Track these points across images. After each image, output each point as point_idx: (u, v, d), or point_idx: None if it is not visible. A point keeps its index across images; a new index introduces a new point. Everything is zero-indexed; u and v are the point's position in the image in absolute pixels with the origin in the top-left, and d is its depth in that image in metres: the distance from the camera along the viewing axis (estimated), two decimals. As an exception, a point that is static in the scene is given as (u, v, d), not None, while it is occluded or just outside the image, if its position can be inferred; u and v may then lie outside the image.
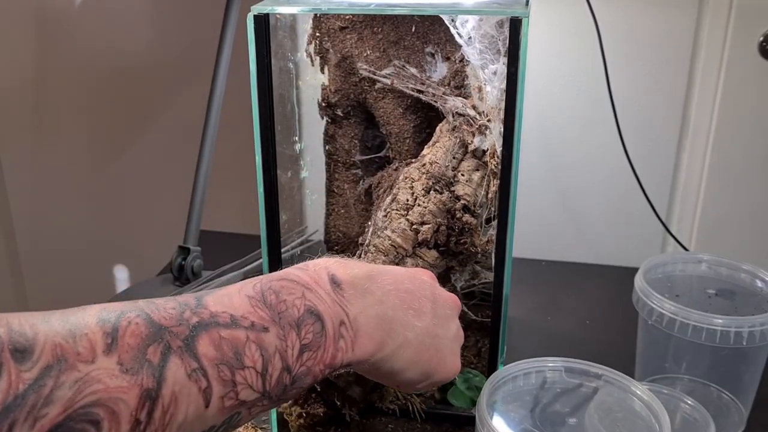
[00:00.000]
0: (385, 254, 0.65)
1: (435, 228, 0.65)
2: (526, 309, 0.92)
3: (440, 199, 0.66)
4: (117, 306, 0.39)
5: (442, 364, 0.52)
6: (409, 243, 0.65)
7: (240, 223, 1.18)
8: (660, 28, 0.92)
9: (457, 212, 0.66)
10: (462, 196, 0.66)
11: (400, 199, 0.66)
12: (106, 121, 1.58)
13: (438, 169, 0.66)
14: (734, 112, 0.94)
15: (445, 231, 0.66)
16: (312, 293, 0.45)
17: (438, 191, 0.66)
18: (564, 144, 1.00)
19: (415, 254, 0.65)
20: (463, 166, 0.67)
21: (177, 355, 0.37)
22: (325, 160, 0.76)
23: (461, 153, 0.68)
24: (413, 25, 0.67)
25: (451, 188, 0.66)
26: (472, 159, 0.67)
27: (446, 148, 0.67)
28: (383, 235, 0.65)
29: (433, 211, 0.65)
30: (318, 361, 0.43)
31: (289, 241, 0.78)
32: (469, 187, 0.66)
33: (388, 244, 0.65)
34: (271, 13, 0.61)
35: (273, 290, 0.43)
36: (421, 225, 0.65)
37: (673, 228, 1.01)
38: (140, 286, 0.91)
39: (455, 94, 0.68)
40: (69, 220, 1.70)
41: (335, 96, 0.71)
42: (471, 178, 0.67)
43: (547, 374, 0.61)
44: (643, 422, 0.56)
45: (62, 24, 1.53)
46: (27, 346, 0.34)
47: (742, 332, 0.63)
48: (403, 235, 0.65)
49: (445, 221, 0.66)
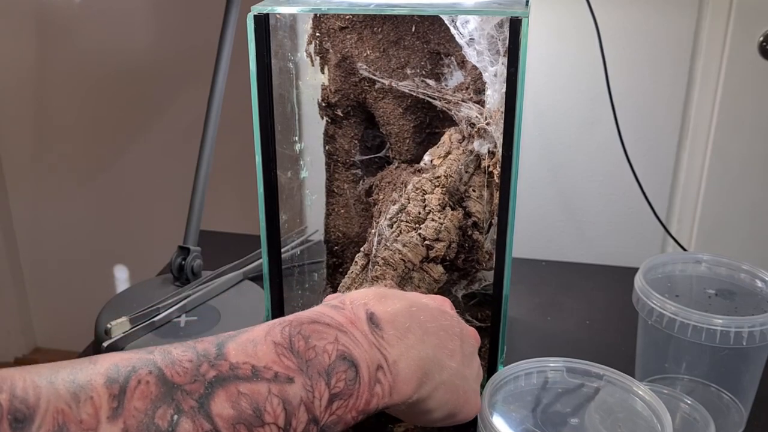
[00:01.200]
0: (394, 268, 0.63)
1: (447, 245, 0.64)
2: (526, 309, 0.92)
3: (457, 216, 0.64)
4: (130, 359, 0.37)
5: (467, 404, 0.50)
6: (418, 257, 0.64)
7: (240, 223, 1.18)
8: (660, 28, 0.92)
9: (468, 230, 0.65)
10: (474, 213, 0.65)
11: (411, 211, 0.65)
12: (106, 122, 1.58)
13: (453, 183, 0.65)
14: (734, 112, 0.94)
15: (455, 248, 0.65)
16: (347, 336, 0.42)
17: (452, 207, 0.64)
18: (564, 144, 1.00)
19: (422, 268, 0.64)
20: (475, 181, 0.66)
21: (189, 417, 0.35)
22: (325, 160, 0.76)
23: (473, 167, 0.66)
24: (413, 25, 0.67)
25: (463, 204, 0.65)
26: (483, 176, 0.66)
27: (460, 161, 0.65)
28: (393, 248, 0.64)
29: (449, 228, 0.64)
30: (350, 408, 0.41)
31: (289, 241, 0.78)
32: (480, 204, 0.65)
33: (398, 258, 0.63)
34: (271, 13, 0.61)
35: (303, 335, 0.41)
36: (435, 241, 0.63)
37: (672, 228, 1.01)
38: (140, 286, 0.91)
39: (473, 100, 0.66)
40: (69, 220, 1.70)
41: (335, 96, 0.71)
42: (482, 194, 0.65)
43: (549, 374, 0.61)
44: (644, 422, 0.56)
45: (62, 24, 1.53)
46: (27, 415, 0.33)
47: (742, 332, 0.63)
48: (414, 249, 0.63)
49: (457, 239, 0.65)
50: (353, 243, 0.76)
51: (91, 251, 1.71)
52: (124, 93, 1.55)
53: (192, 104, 1.21)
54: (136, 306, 0.81)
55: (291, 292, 0.77)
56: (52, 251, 1.75)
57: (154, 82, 1.52)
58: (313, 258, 0.82)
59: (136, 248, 1.66)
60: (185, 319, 0.82)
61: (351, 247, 0.76)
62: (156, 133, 1.56)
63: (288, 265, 0.74)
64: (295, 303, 0.77)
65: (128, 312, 0.79)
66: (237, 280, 0.91)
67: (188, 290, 0.85)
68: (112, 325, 0.77)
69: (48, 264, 1.77)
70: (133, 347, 0.77)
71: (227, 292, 0.89)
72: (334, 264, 0.78)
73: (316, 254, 0.82)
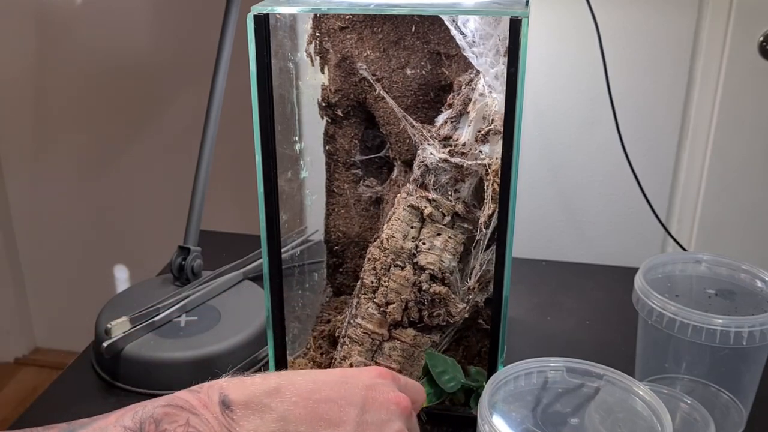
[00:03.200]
0: (360, 344, 0.63)
1: (403, 306, 0.64)
2: (526, 309, 0.92)
3: (401, 275, 0.64)
4: None
5: None
6: (383, 327, 0.64)
7: (240, 223, 1.18)
8: (660, 28, 0.92)
9: (423, 284, 0.64)
10: (425, 266, 0.64)
11: (366, 283, 0.65)
12: (106, 121, 1.59)
13: (395, 243, 0.64)
14: (734, 112, 0.94)
15: (415, 307, 0.64)
16: (198, 418, 0.43)
17: (399, 266, 0.64)
18: (564, 144, 1.00)
19: (392, 337, 0.64)
20: (423, 234, 0.65)
21: None
22: (325, 160, 0.76)
23: (419, 221, 0.66)
24: (413, 25, 0.67)
25: (414, 260, 0.65)
26: (432, 225, 0.65)
27: (401, 219, 0.65)
28: (355, 323, 0.64)
29: (395, 288, 0.64)
30: None
31: (289, 241, 0.78)
32: (432, 254, 0.64)
33: (361, 333, 0.64)
34: (271, 13, 0.61)
35: (154, 419, 0.42)
36: (386, 306, 0.63)
37: (672, 228, 1.01)
38: (140, 286, 0.91)
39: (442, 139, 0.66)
40: (69, 220, 1.70)
41: (335, 96, 0.71)
42: (433, 244, 0.64)
43: (549, 374, 0.61)
44: (644, 422, 0.56)
45: (62, 24, 1.53)
46: None
47: (742, 332, 0.63)
48: (372, 320, 0.63)
49: (413, 296, 0.64)
50: (353, 243, 0.76)
51: (91, 251, 1.71)
52: (124, 93, 1.55)
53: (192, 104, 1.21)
54: (136, 306, 0.81)
55: (291, 292, 0.77)
56: (52, 251, 1.75)
57: (153, 82, 1.52)
58: (313, 258, 0.82)
59: (136, 248, 1.66)
60: (185, 319, 0.82)
61: (351, 247, 0.76)
62: (156, 133, 1.56)
63: (288, 265, 0.74)
64: (295, 303, 0.77)
65: (128, 312, 0.79)
66: (237, 280, 0.91)
67: (188, 290, 0.85)
68: (112, 325, 0.77)
69: (48, 264, 1.77)
70: (133, 347, 0.77)
71: (227, 292, 0.89)
72: (334, 264, 0.78)
73: (316, 254, 0.82)
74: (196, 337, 0.79)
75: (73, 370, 0.81)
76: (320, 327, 0.76)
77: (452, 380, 0.68)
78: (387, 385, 0.50)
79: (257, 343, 0.80)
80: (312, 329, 0.77)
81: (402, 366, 0.66)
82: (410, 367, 0.66)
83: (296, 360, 0.74)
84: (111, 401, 0.75)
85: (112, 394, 0.77)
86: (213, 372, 0.76)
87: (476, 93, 0.65)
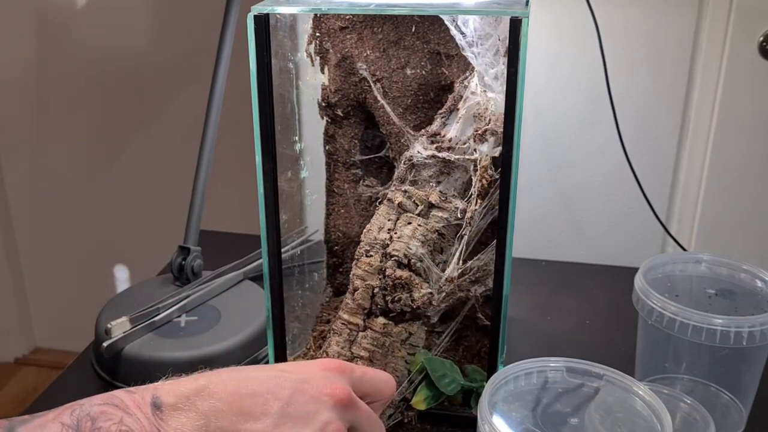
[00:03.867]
0: (339, 334, 0.64)
1: (369, 293, 0.65)
2: (526, 309, 0.92)
3: (367, 261, 0.65)
4: None
5: None
6: (356, 316, 0.65)
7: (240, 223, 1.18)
8: (660, 28, 0.92)
9: (387, 269, 0.65)
10: (391, 253, 0.65)
11: (352, 280, 0.67)
12: (106, 122, 1.59)
13: (369, 235, 0.66)
14: (734, 112, 0.94)
15: (380, 293, 0.66)
16: (131, 418, 0.44)
17: (368, 256, 0.66)
18: (563, 144, 1.00)
19: (366, 326, 0.65)
20: (397, 225, 0.67)
21: None
22: (325, 160, 0.76)
23: (395, 213, 0.67)
24: (413, 25, 0.67)
25: (386, 250, 0.66)
26: (404, 215, 0.67)
27: (380, 213, 0.68)
28: (337, 316, 0.66)
29: (361, 275, 0.65)
30: None
31: (289, 241, 0.78)
32: (400, 242, 0.65)
33: (340, 324, 0.65)
34: (271, 13, 0.61)
35: (90, 417, 0.43)
36: (354, 292, 0.65)
37: (672, 228, 1.01)
38: (140, 286, 0.91)
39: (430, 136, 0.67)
40: (69, 220, 1.70)
41: (335, 96, 0.71)
42: (403, 233, 0.66)
43: (549, 374, 0.61)
44: (644, 422, 0.56)
45: (62, 24, 1.53)
46: None
47: (742, 332, 0.63)
48: (346, 309, 0.64)
49: (378, 283, 0.65)
50: (353, 243, 0.76)
51: (91, 251, 1.71)
52: (124, 93, 1.55)
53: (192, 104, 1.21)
54: (137, 306, 0.81)
55: (291, 291, 0.77)
56: (52, 251, 1.75)
57: (154, 82, 1.52)
58: (313, 258, 0.82)
59: (136, 248, 1.66)
60: (185, 319, 0.82)
61: (351, 247, 0.76)
62: (156, 133, 1.56)
63: (288, 264, 0.74)
64: (295, 303, 0.77)
65: (128, 312, 0.79)
66: (237, 280, 0.91)
67: (188, 290, 0.85)
68: (112, 325, 0.77)
69: (48, 264, 1.77)
70: (133, 347, 0.77)
71: (227, 292, 0.89)
72: (334, 264, 0.78)
73: (316, 254, 0.82)
74: (196, 337, 0.79)
75: (73, 370, 0.81)
76: (320, 327, 0.76)
77: (452, 383, 0.68)
78: (327, 377, 0.50)
79: (257, 343, 0.80)
80: (312, 329, 0.77)
81: (372, 355, 0.66)
82: (383, 357, 0.67)
83: (296, 360, 0.74)
84: (111, 401, 0.75)
85: (112, 394, 0.77)
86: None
87: (468, 91, 0.65)
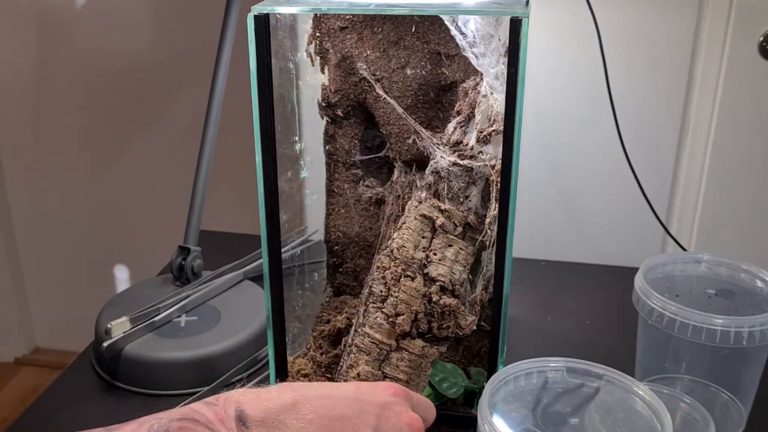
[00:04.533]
0: (367, 353, 0.63)
1: (412, 317, 0.63)
2: (526, 309, 0.92)
3: (412, 286, 0.63)
4: None
5: None
6: (391, 337, 0.63)
7: (240, 223, 1.18)
8: (660, 28, 0.92)
9: (433, 296, 0.64)
10: (436, 278, 0.64)
11: (375, 291, 0.65)
12: (106, 122, 1.59)
13: (406, 253, 0.64)
14: (734, 112, 0.94)
15: (425, 318, 0.64)
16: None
17: (410, 277, 0.64)
18: (564, 144, 1.00)
19: (400, 347, 0.63)
20: (435, 245, 0.65)
21: None
22: (325, 160, 0.76)
23: (430, 231, 0.65)
24: (413, 25, 0.67)
25: (425, 271, 0.64)
26: (444, 235, 0.65)
27: (412, 228, 0.65)
28: (362, 332, 0.64)
29: (405, 299, 0.63)
30: None
31: (290, 241, 0.78)
32: (443, 266, 0.64)
33: (368, 342, 0.63)
34: (271, 13, 0.61)
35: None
36: (396, 317, 0.63)
37: (672, 228, 1.01)
38: (140, 286, 0.91)
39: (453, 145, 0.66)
40: (69, 220, 1.70)
41: (335, 96, 0.71)
42: (444, 255, 0.64)
43: (549, 374, 0.61)
44: (644, 422, 0.56)
45: (62, 24, 1.53)
46: None
47: (742, 332, 0.63)
48: (381, 329, 0.63)
49: (423, 308, 0.64)
50: (353, 243, 0.76)
51: (91, 251, 1.71)
52: (124, 93, 1.55)
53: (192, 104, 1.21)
54: (137, 306, 0.81)
55: (291, 291, 0.77)
56: (52, 251, 1.75)
57: (154, 82, 1.52)
58: (314, 258, 0.82)
59: (136, 248, 1.66)
60: (185, 319, 0.82)
61: (351, 247, 0.76)
62: (156, 133, 1.56)
63: (288, 264, 0.74)
64: (295, 303, 0.77)
65: (128, 312, 0.79)
66: (237, 280, 0.91)
67: (188, 290, 0.85)
68: (113, 325, 0.77)
69: (48, 264, 1.77)
70: (133, 347, 0.77)
71: (227, 292, 0.89)
72: (334, 264, 0.78)
73: (316, 254, 0.82)
74: (196, 337, 0.79)
75: (73, 370, 0.81)
76: (320, 327, 0.76)
77: (453, 386, 0.68)
78: (401, 404, 0.50)
79: (257, 343, 0.80)
80: (312, 329, 0.77)
81: (409, 377, 0.65)
82: (417, 378, 0.66)
83: (296, 360, 0.74)
84: (111, 401, 0.75)
85: (112, 394, 0.77)
86: (213, 372, 0.76)
87: (480, 95, 0.65)
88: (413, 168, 0.71)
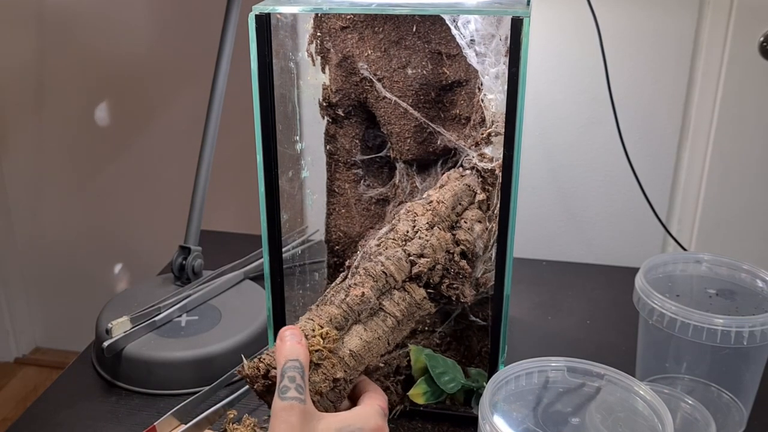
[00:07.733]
0: (375, 279, 0.63)
1: (432, 264, 0.64)
2: (526, 309, 0.92)
3: (445, 236, 0.65)
4: None
5: None
6: (401, 274, 0.64)
7: (240, 223, 1.18)
8: (660, 28, 0.92)
9: (455, 255, 0.65)
10: (462, 241, 0.66)
11: (400, 230, 0.65)
12: (106, 121, 1.59)
13: (444, 209, 0.66)
14: (734, 112, 0.94)
15: (440, 271, 0.65)
16: None
17: (442, 230, 0.66)
18: (564, 144, 1.00)
19: (404, 288, 0.64)
20: (467, 215, 0.67)
21: None
22: (326, 159, 0.76)
23: (467, 201, 0.68)
24: (414, 24, 0.67)
25: (453, 231, 0.66)
26: (477, 210, 0.68)
27: (454, 191, 0.67)
28: (376, 260, 0.64)
29: (435, 245, 0.64)
30: None
31: (290, 241, 0.78)
32: (470, 234, 0.66)
33: (380, 270, 0.63)
34: (272, 12, 0.61)
35: None
36: (419, 257, 0.64)
37: (673, 228, 1.01)
38: (141, 285, 0.91)
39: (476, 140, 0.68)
40: (69, 220, 1.70)
41: (336, 96, 0.71)
42: (473, 227, 0.67)
43: (550, 374, 0.61)
44: (645, 422, 0.56)
45: (62, 24, 1.53)
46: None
47: (742, 332, 0.63)
48: (397, 263, 0.63)
49: (443, 261, 0.65)
50: (354, 242, 0.76)
51: (91, 251, 1.71)
52: (125, 93, 1.55)
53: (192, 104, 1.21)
54: (137, 305, 0.81)
55: (292, 291, 0.77)
56: (52, 251, 1.75)
57: (154, 82, 1.52)
58: (314, 257, 0.82)
59: (137, 248, 1.66)
60: (186, 319, 0.82)
61: (352, 247, 0.76)
62: (157, 132, 1.56)
63: (289, 264, 0.74)
64: (295, 302, 0.77)
65: (129, 311, 0.79)
66: (238, 279, 0.91)
67: (189, 290, 0.85)
68: (113, 324, 0.77)
69: (48, 264, 1.77)
70: (133, 347, 0.77)
71: (228, 291, 0.89)
72: (335, 264, 0.78)
73: (316, 254, 0.82)
74: (196, 336, 0.79)
75: (74, 369, 0.81)
76: (321, 327, 0.76)
77: (452, 381, 0.68)
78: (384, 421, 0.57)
79: (257, 343, 0.80)
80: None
81: (402, 318, 0.65)
82: (406, 323, 0.66)
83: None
84: (111, 401, 0.75)
85: (113, 393, 0.77)
86: (214, 371, 0.76)
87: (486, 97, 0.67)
88: (414, 167, 0.71)
